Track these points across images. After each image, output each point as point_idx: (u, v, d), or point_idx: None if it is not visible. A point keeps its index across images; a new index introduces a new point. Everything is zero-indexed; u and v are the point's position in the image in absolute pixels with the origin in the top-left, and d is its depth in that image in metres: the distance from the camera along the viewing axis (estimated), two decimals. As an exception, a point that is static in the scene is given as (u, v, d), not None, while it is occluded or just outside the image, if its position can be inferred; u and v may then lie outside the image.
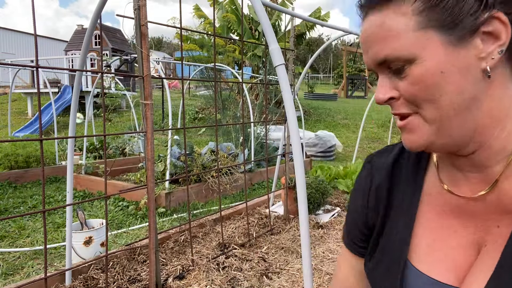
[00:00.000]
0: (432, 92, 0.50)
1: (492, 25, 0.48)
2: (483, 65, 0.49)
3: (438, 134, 0.53)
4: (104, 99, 2.54)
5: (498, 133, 0.52)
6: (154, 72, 8.41)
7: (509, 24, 0.48)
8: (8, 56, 20.90)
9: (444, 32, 0.49)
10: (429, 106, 0.51)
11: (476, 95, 0.50)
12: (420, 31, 0.49)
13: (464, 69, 0.49)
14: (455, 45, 0.49)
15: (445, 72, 0.49)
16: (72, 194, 2.13)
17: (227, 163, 4.89)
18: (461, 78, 0.49)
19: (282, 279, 2.30)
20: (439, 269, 0.57)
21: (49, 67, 1.76)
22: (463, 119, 0.51)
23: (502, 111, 0.52)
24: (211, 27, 12.38)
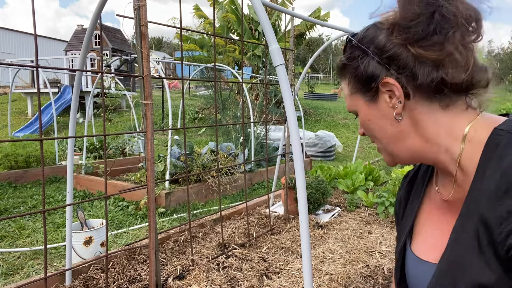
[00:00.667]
0: (370, 132, 0.77)
1: (387, 86, 0.69)
2: (392, 111, 0.71)
3: (391, 156, 0.77)
4: (104, 99, 2.53)
5: (438, 150, 0.70)
6: (154, 72, 8.41)
7: (398, 82, 0.68)
8: (8, 56, 20.91)
9: (363, 94, 0.74)
10: (375, 140, 0.78)
11: (400, 130, 0.72)
12: (352, 95, 0.77)
13: (381, 116, 0.73)
14: (371, 101, 0.73)
15: (371, 120, 0.75)
16: (72, 194, 2.13)
17: (227, 163, 4.89)
18: (382, 122, 0.73)
19: (282, 279, 2.30)
20: (426, 250, 0.76)
21: (49, 67, 1.76)
22: (400, 146, 0.73)
23: (432, 135, 0.70)
24: (211, 27, 12.38)
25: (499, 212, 0.55)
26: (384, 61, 0.69)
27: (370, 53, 0.70)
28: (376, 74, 0.70)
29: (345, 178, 4.59)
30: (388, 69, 0.68)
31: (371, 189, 4.32)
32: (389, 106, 0.71)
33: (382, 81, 0.69)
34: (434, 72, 0.65)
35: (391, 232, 3.10)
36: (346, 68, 0.76)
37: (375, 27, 0.71)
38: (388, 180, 4.47)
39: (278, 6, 2.93)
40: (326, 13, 14.43)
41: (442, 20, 0.64)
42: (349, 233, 3.06)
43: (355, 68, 0.73)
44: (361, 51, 0.71)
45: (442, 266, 0.66)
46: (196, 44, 11.87)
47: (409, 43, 0.66)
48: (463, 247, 0.62)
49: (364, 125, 0.77)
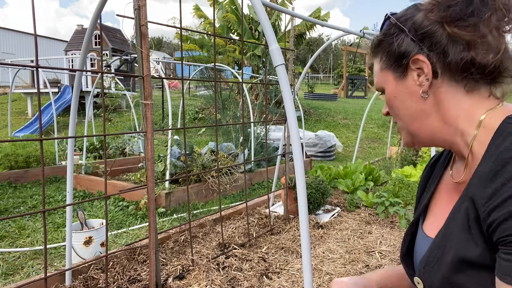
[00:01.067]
0: (394, 110, 0.80)
1: (417, 64, 0.72)
2: (420, 89, 0.73)
3: (410, 136, 0.80)
4: (104, 99, 2.53)
5: (454, 133, 0.73)
6: (154, 72, 8.41)
7: (428, 60, 0.70)
8: (8, 56, 20.91)
9: (393, 70, 0.76)
10: (397, 118, 0.80)
11: (423, 109, 0.74)
12: (382, 71, 0.79)
13: (407, 93, 0.75)
14: (399, 78, 0.76)
15: (397, 97, 0.77)
16: (72, 194, 2.13)
17: (227, 163, 4.89)
18: (407, 99, 0.76)
19: (282, 279, 2.30)
20: (432, 227, 0.80)
21: (49, 67, 1.76)
22: (421, 125, 0.76)
23: (451, 117, 0.72)
24: (211, 27, 12.38)
25: (486, 192, 0.59)
26: (418, 38, 0.71)
27: (406, 30, 0.72)
28: (408, 51, 0.72)
29: (345, 178, 4.59)
30: (420, 46, 0.71)
31: (371, 189, 4.32)
32: (416, 83, 0.73)
33: (413, 57, 0.71)
34: (465, 52, 0.67)
35: (391, 232, 3.10)
36: (380, 45, 0.78)
37: (415, 7, 0.74)
38: (388, 180, 4.47)
39: (278, 6, 2.93)
40: (326, 13, 14.43)
41: (481, 3, 0.66)
42: (349, 233, 3.06)
43: (390, 44, 0.75)
44: (398, 28, 0.74)
45: (436, 240, 0.72)
46: (196, 44, 11.87)
47: (446, 21, 0.68)
48: (455, 224, 0.67)
49: (389, 102, 0.79)
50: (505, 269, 0.56)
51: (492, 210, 0.57)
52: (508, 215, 0.55)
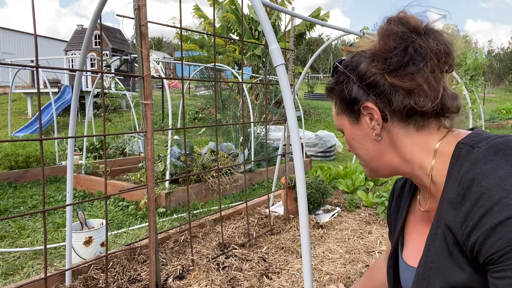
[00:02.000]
0: (353, 149, 0.85)
1: (367, 110, 0.77)
2: (372, 132, 0.78)
3: (371, 171, 0.85)
4: (104, 99, 2.53)
5: (413, 166, 0.76)
6: (154, 72, 8.41)
7: (376, 107, 0.75)
8: (8, 56, 20.90)
9: (347, 115, 0.81)
10: (358, 157, 0.85)
11: (379, 149, 0.79)
12: (338, 115, 0.84)
13: (364, 135, 0.80)
14: (355, 122, 0.80)
15: (354, 139, 0.82)
16: (72, 194, 2.13)
17: (227, 163, 4.89)
18: (364, 141, 0.81)
19: (282, 279, 2.30)
20: (412, 256, 0.82)
21: (49, 67, 1.76)
22: (380, 162, 0.81)
23: (407, 153, 0.76)
24: (211, 27, 12.38)
25: (459, 216, 0.61)
26: (364, 87, 0.76)
27: (353, 78, 0.77)
28: (358, 98, 0.77)
29: (345, 178, 4.59)
30: (368, 94, 0.76)
31: (371, 189, 4.32)
32: (369, 127, 0.78)
33: (363, 105, 0.77)
34: (406, 99, 0.72)
35: (391, 232, 3.10)
36: (333, 91, 0.83)
37: (359, 55, 0.79)
38: (388, 180, 4.47)
39: (278, 6, 2.92)
40: (325, 13, 14.44)
41: (415, 53, 0.72)
42: (349, 233, 3.06)
43: (341, 91, 0.80)
44: (346, 76, 0.79)
45: (419, 271, 0.72)
46: (196, 44, 11.87)
47: (386, 72, 0.73)
48: (435, 252, 0.68)
49: (349, 143, 0.85)
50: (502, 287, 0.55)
51: (470, 232, 0.59)
52: (486, 234, 0.56)
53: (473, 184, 0.60)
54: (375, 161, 0.81)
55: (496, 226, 0.55)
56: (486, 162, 0.62)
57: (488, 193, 0.58)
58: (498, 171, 0.59)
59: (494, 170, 0.60)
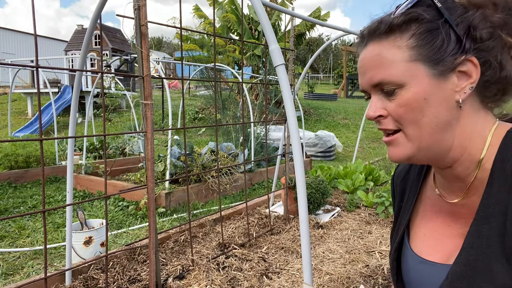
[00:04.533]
0: (415, 114, 0.62)
1: (466, 66, 0.61)
2: (457, 97, 0.62)
3: (417, 149, 0.65)
4: (104, 99, 2.53)
5: (461, 152, 0.65)
6: (154, 72, 8.41)
7: (479, 66, 0.61)
8: (8, 56, 20.91)
9: (430, 66, 0.61)
10: (412, 125, 0.63)
11: (449, 120, 0.63)
12: (411, 62, 0.61)
13: (442, 98, 0.62)
14: (437, 77, 0.61)
15: (427, 99, 0.61)
16: (72, 194, 2.13)
17: (227, 163, 4.89)
18: (439, 105, 0.62)
19: (282, 279, 2.30)
20: (429, 251, 0.73)
21: (49, 67, 1.76)
22: (439, 138, 0.64)
23: (468, 135, 0.64)
24: (211, 27, 12.37)
25: None
26: (472, 37, 0.60)
27: (453, 23, 0.60)
28: (459, 48, 0.60)
29: (345, 178, 4.59)
30: (475, 47, 0.61)
31: (371, 189, 4.32)
32: (455, 89, 0.62)
33: (467, 58, 0.60)
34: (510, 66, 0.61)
35: (391, 232, 3.10)
36: (416, 23, 0.61)
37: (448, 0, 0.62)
38: (388, 180, 4.47)
39: (278, 6, 2.92)
40: (326, 13, 14.44)
41: None
42: (349, 233, 3.06)
43: (433, 30, 0.60)
44: (441, 16, 0.60)
45: (458, 269, 0.64)
46: (196, 44, 11.87)
47: (503, 28, 0.60)
48: (482, 252, 0.60)
49: (412, 104, 0.62)
50: None
51: None
52: None
53: None
54: (437, 135, 0.63)
55: None
56: None
57: None
58: None
59: None
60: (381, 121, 0.66)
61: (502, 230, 0.57)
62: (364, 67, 0.66)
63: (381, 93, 0.65)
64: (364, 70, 0.66)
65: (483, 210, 0.61)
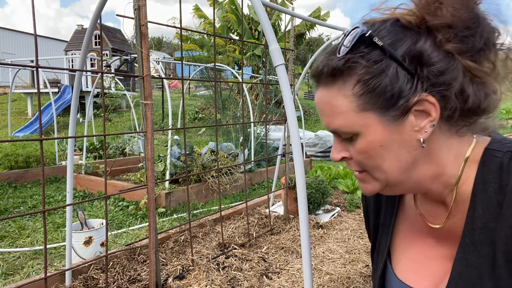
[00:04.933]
0: (375, 160, 0.60)
1: (423, 105, 0.56)
2: (418, 136, 0.58)
3: (386, 186, 0.63)
4: (104, 99, 2.53)
5: (439, 179, 0.62)
6: (154, 72, 8.41)
7: (437, 103, 0.55)
8: (8, 56, 20.91)
9: (381, 113, 0.57)
10: (375, 170, 0.61)
11: (415, 159, 0.59)
12: (360, 113, 0.57)
13: (401, 141, 0.58)
14: (392, 122, 0.57)
15: (384, 146, 0.58)
16: (72, 194, 2.13)
17: (227, 163, 4.89)
18: (399, 148, 0.58)
19: (282, 279, 2.30)
20: (416, 277, 0.69)
21: (49, 67, 1.76)
22: (407, 177, 0.61)
23: (441, 165, 0.61)
24: (211, 27, 12.38)
25: None
26: (425, 72, 0.55)
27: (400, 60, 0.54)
28: (411, 88, 0.55)
29: (345, 178, 4.59)
30: (428, 83, 0.55)
31: (371, 189, 4.32)
32: (414, 129, 0.57)
33: (420, 98, 0.55)
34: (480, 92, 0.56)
35: (391, 232, 3.10)
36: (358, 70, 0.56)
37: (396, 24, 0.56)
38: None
39: (278, 6, 2.93)
40: (326, 12, 14.45)
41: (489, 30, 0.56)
42: (349, 233, 3.06)
43: (378, 74, 0.55)
44: (386, 54, 0.55)
45: None
46: (196, 44, 11.88)
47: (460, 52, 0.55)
48: (471, 283, 0.58)
49: (369, 151, 0.59)
50: None
51: None
52: None
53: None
54: (402, 175, 0.60)
55: None
56: None
57: None
58: None
59: None
60: (347, 161, 0.64)
61: (492, 259, 0.55)
62: (320, 111, 0.63)
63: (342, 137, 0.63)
64: (321, 113, 0.63)
65: (468, 236, 0.59)
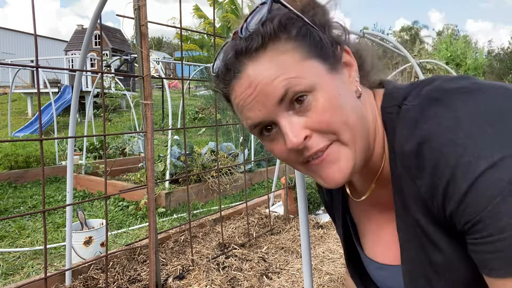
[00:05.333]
0: (341, 112, 0.55)
1: (345, 57, 0.60)
2: (354, 87, 0.59)
3: (356, 153, 0.58)
4: (104, 99, 2.54)
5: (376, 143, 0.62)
6: (154, 72, 8.41)
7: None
8: (8, 56, 20.91)
9: (322, 61, 0.56)
10: (344, 127, 0.56)
11: (362, 110, 0.59)
12: (305, 61, 0.55)
13: (348, 90, 0.58)
14: (334, 71, 0.57)
15: (341, 93, 0.56)
16: (72, 194, 2.13)
17: (227, 163, 4.89)
18: (351, 97, 0.58)
19: (282, 279, 2.30)
20: (381, 253, 0.70)
21: (49, 67, 1.76)
22: (365, 132, 0.59)
23: (372, 119, 0.61)
24: (211, 27, 12.38)
25: (423, 192, 0.51)
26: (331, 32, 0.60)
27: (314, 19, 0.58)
28: (338, 39, 0.60)
29: (345, 178, 4.58)
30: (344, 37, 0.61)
31: (371, 189, 4.32)
32: (349, 79, 0.60)
33: (343, 48, 0.60)
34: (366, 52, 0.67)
35: (391, 232, 3.10)
36: (284, 31, 0.55)
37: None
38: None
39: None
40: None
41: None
42: (349, 233, 3.06)
43: (303, 28, 0.56)
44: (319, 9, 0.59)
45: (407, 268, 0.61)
46: (196, 44, 11.89)
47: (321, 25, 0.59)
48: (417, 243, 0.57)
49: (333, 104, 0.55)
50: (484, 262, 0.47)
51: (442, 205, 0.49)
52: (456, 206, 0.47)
53: (423, 151, 0.49)
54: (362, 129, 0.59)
55: (464, 195, 0.46)
56: (426, 119, 0.51)
57: (443, 156, 0.47)
58: (443, 124, 0.49)
59: (439, 124, 0.49)
60: (307, 144, 0.56)
61: (424, 211, 0.53)
62: (256, 92, 0.55)
63: (292, 112, 0.56)
64: (257, 95, 0.55)
65: (397, 200, 0.59)
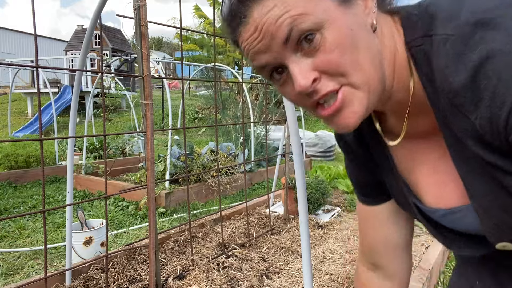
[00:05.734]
0: (351, 51, 0.51)
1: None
2: (369, 20, 0.53)
3: (369, 94, 0.53)
4: (104, 99, 2.53)
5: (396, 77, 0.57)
6: (154, 72, 8.41)
7: None
8: (8, 56, 20.91)
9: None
10: (354, 68, 0.51)
11: (379, 48, 0.54)
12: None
13: (362, 25, 0.52)
14: (346, 4, 0.51)
15: (353, 29, 0.51)
16: (72, 194, 2.13)
17: (227, 163, 4.89)
18: (364, 33, 0.52)
19: (282, 279, 2.30)
20: (442, 197, 0.62)
21: (49, 67, 1.76)
22: (379, 72, 0.54)
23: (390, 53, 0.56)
24: (211, 27, 12.39)
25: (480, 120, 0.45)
26: None
27: None
28: None
29: (345, 178, 4.59)
30: None
31: (371, 189, 4.32)
32: (364, 12, 0.54)
33: None
34: None
35: (391, 232, 3.10)
36: None
37: None
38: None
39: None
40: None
41: None
42: (349, 233, 3.06)
43: None
44: None
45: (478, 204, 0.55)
46: (196, 44, 11.88)
47: None
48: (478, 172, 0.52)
49: (343, 42, 0.51)
50: None
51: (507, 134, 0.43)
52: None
53: (476, 83, 0.45)
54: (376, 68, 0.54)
55: None
56: (473, 48, 0.45)
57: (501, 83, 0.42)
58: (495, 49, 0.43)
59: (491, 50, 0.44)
60: (317, 88, 0.53)
61: (481, 145, 0.48)
62: (262, 34, 0.52)
63: (301, 54, 0.52)
64: (262, 38, 0.52)
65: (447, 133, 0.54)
